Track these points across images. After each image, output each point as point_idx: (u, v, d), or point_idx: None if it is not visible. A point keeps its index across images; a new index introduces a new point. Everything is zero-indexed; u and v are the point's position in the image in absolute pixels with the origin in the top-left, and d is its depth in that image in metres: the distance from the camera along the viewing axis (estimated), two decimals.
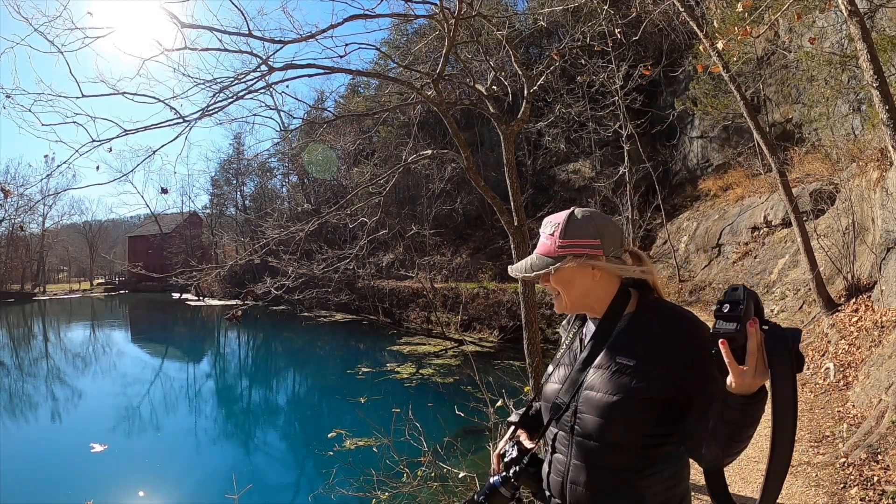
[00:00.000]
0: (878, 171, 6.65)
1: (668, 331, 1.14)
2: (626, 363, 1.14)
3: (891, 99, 3.95)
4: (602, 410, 1.14)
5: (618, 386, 1.13)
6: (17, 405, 13.04)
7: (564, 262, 1.19)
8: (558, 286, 1.24)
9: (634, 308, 1.22)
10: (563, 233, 1.21)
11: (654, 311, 1.19)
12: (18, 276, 44.42)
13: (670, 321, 1.16)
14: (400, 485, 4.36)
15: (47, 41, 3.00)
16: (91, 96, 3.28)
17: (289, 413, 12.61)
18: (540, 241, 1.28)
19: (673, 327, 1.15)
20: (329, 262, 5.39)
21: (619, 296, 1.23)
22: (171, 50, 3.21)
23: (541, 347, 4.17)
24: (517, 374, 6.66)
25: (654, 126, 18.48)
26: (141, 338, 24.81)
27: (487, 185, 4.27)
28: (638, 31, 5.81)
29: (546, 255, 1.23)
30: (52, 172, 4.27)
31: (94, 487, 7.32)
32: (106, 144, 3.29)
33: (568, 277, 1.22)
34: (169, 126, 3.38)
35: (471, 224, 24.93)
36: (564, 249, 1.20)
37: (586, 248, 1.19)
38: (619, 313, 1.22)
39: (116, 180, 34.18)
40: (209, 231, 41.16)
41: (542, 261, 1.23)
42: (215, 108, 3.52)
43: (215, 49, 3.43)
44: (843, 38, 10.25)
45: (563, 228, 1.21)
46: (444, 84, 4.48)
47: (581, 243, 1.19)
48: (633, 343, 1.17)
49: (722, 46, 5.51)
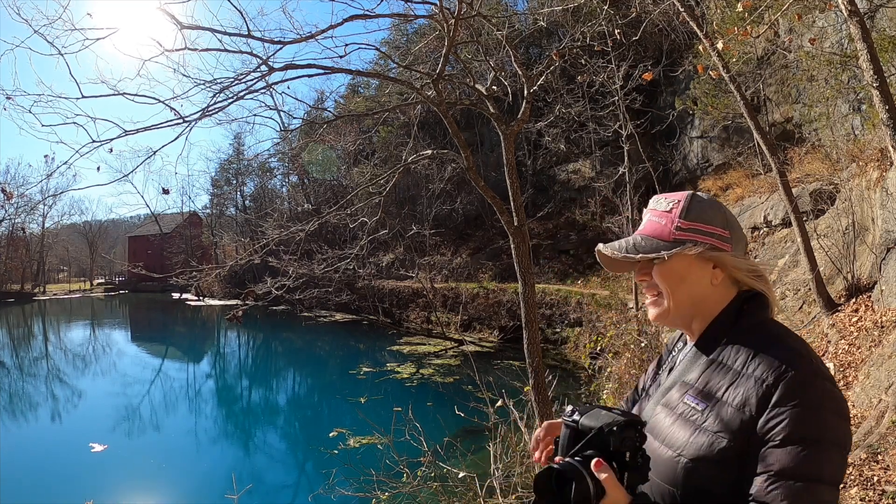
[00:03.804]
0: (878, 171, 6.65)
1: (752, 369, 0.85)
2: (694, 406, 0.89)
3: (891, 99, 3.95)
4: (656, 464, 0.89)
5: (674, 436, 0.90)
6: (17, 405, 13.04)
7: (684, 248, 0.92)
8: (664, 282, 0.95)
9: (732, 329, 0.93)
10: (684, 211, 0.94)
11: (753, 338, 0.89)
12: (18, 276, 44.41)
13: (761, 353, 0.86)
14: (400, 485, 4.36)
15: (47, 43, 3.01)
16: (91, 97, 3.29)
17: (289, 413, 12.62)
18: (647, 219, 1.00)
19: (759, 364, 0.85)
20: (329, 262, 5.39)
21: (730, 311, 0.94)
22: (171, 50, 3.21)
23: (541, 347, 4.17)
24: (517, 374, 6.65)
25: (654, 126, 18.48)
26: (141, 338, 24.81)
27: (487, 185, 4.27)
28: (638, 31, 5.81)
29: (656, 238, 0.95)
30: (52, 173, 4.26)
31: (94, 487, 7.32)
32: (106, 145, 3.30)
33: (681, 272, 0.93)
34: (169, 126, 3.39)
35: (471, 224, 24.93)
36: (685, 233, 0.93)
37: (713, 238, 0.93)
38: (724, 333, 0.93)
39: (117, 181, 34.04)
40: (209, 231, 41.20)
41: (650, 243, 0.95)
42: (215, 108, 3.52)
43: (215, 49, 3.44)
44: (843, 38, 10.25)
45: (686, 207, 0.95)
46: (444, 84, 4.48)
47: (707, 229, 0.93)
48: (713, 379, 0.90)
49: (722, 46, 5.51)
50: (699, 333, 0.96)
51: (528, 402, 4.35)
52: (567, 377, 11.30)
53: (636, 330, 9.11)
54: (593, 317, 13.75)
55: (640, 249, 0.95)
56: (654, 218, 0.98)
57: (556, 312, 15.84)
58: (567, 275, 18.85)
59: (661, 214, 0.97)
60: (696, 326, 0.97)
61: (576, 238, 20.09)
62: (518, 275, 4.10)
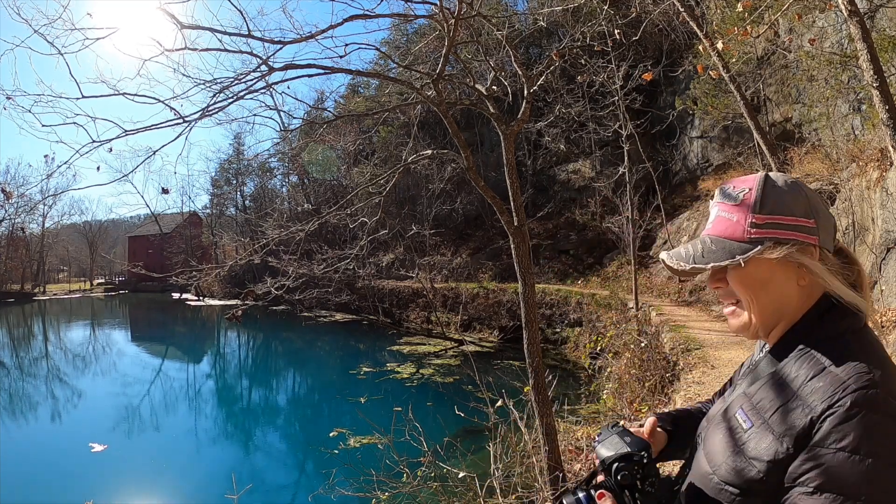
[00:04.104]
0: (878, 171, 6.65)
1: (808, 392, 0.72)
2: (741, 423, 0.79)
3: (891, 99, 3.95)
4: (701, 479, 0.82)
5: (714, 450, 0.81)
6: (17, 405, 13.03)
7: (762, 249, 0.77)
8: (743, 290, 0.81)
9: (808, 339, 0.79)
10: (759, 203, 0.79)
11: (825, 351, 0.75)
12: (18, 276, 44.43)
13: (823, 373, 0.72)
14: (400, 485, 4.36)
15: (47, 42, 3.01)
16: (91, 97, 3.28)
17: (289, 413, 12.62)
18: (715, 214, 0.85)
19: (816, 387, 0.71)
20: (329, 262, 5.39)
21: (811, 317, 0.79)
22: (171, 50, 3.21)
23: (541, 347, 4.17)
24: (517, 374, 6.66)
25: (654, 126, 18.49)
26: (141, 338, 24.81)
27: (487, 185, 4.27)
28: (638, 31, 5.81)
29: (728, 238, 0.81)
30: (52, 173, 4.25)
31: (94, 487, 7.32)
32: (106, 145, 3.29)
33: (762, 277, 0.79)
34: (169, 126, 3.38)
35: (471, 224, 24.94)
36: (762, 230, 0.78)
37: (796, 232, 0.78)
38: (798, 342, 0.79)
39: (117, 180, 34.08)
40: (209, 231, 41.23)
41: (721, 246, 0.80)
42: (215, 108, 3.52)
43: (215, 49, 3.43)
44: (843, 38, 10.25)
45: (760, 196, 0.79)
46: (444, 84, 4.48)
47: (788, 220, 0.78)
48: (767, 395, 0.78)
49: (722, 46, 5.52)
50: (777, 339, 0.83)
51: (528, 402, 4.35)
52: (567, 377, 11.29)
53: (636, 330, 9.12)
54: (593, 317, 13.76)
55: (710, 256, 0.80)
56: (724, 213, 0.82)
57: (556, 312, 15.84)
58: (567, 275, 18.85)
59: (731, 208, 0.81)
60: (776, 332, 0.83)
61: (576, 238, 20.10)
62: (518, 275, 4.10)
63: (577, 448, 4.76)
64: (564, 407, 5.83)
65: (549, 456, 3.89)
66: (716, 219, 0.84)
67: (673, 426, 1.03)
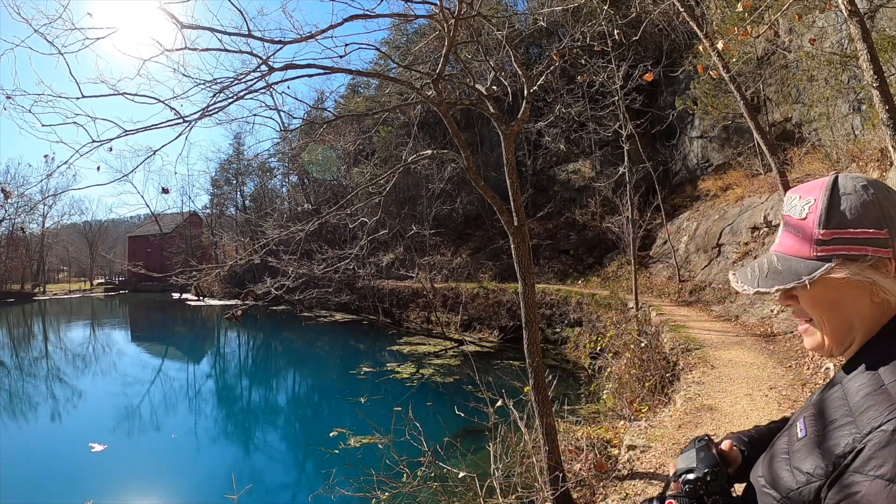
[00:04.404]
0: (878, 171, 6.66)
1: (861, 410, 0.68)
2: (797, 432, 0.77)
3: (891, 99, 3.95)
4: (755, 480, 0.82)
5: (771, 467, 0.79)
6: (17, 405, 13.04)
7: (829, 268, 0.73)
8: (814, 310, 0.77)
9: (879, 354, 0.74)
10: (825, 219, 0.74)
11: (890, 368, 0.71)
12: (18, 276, 44.44)
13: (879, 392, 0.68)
14: (400, 485, 4.37)
15: (47, 42, 3.01)
16: (91, 97, 3.28)
17: (289, 413, 12.62)
18: (781, 230, 0.81)
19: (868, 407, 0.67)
20: (329, 262, 5.39)
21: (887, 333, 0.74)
22: (171, 50, 3.21)
23: (541, 347, 4.17)
24: (517, 374, 6.66)
25: (654, 126, 18.50)
26: (141, 338, 24.82)
27: (487, 185, 4.27)
28: (638, 31, 5.82)
29: (794, 256, 0.77)
30: (52, 173, 4.25)
31: (94, 487, 7.32)
32: (106, 145, 3.29)
33: (832, 296, 0.75)
34: (169, 126, 3.38)
35: (471, 224, 24.95)
36: (828, 247, 0.73)
37: (867, 246, 0.72)
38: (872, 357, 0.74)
39: (117, 180, 34.07)
40: (209, 231, 41.25)
41: (788, 265, 0.77)
42: (215, 108, 3.52)
43: (215, 49, 3.43)
44: (843, 38, 10.26)
45: (825, 210, 0.74)
46: (444, 84, 4.48)
47: (857, 234, 0.72)
48: (826, 410, 0.75)
49: (722, 46, 5.52)
50: (852, 355, 0.78)
51: (528, 402, 4.35)
52: (567, 377, 11.29)
53: (636, 330, 9.12)
54: (593, 317, 13.76)
55: (775, 278, 0.76)
56: (790, 229, 0.78)
57: (556, 312, 15.84)
58: (567, 275, 18.86)
59: (795, 223, 0.77)
60: (852, 349, 0.78)
61: (576, 238, 20.11)
62: (518, 275, 4.10)
63: (577, 448, 4.76)
64: (564, 407, 5.83)
65: (549, 456, 3.89)
66: (782, 234, 0.81)
67: (748, 447, 1.01)
